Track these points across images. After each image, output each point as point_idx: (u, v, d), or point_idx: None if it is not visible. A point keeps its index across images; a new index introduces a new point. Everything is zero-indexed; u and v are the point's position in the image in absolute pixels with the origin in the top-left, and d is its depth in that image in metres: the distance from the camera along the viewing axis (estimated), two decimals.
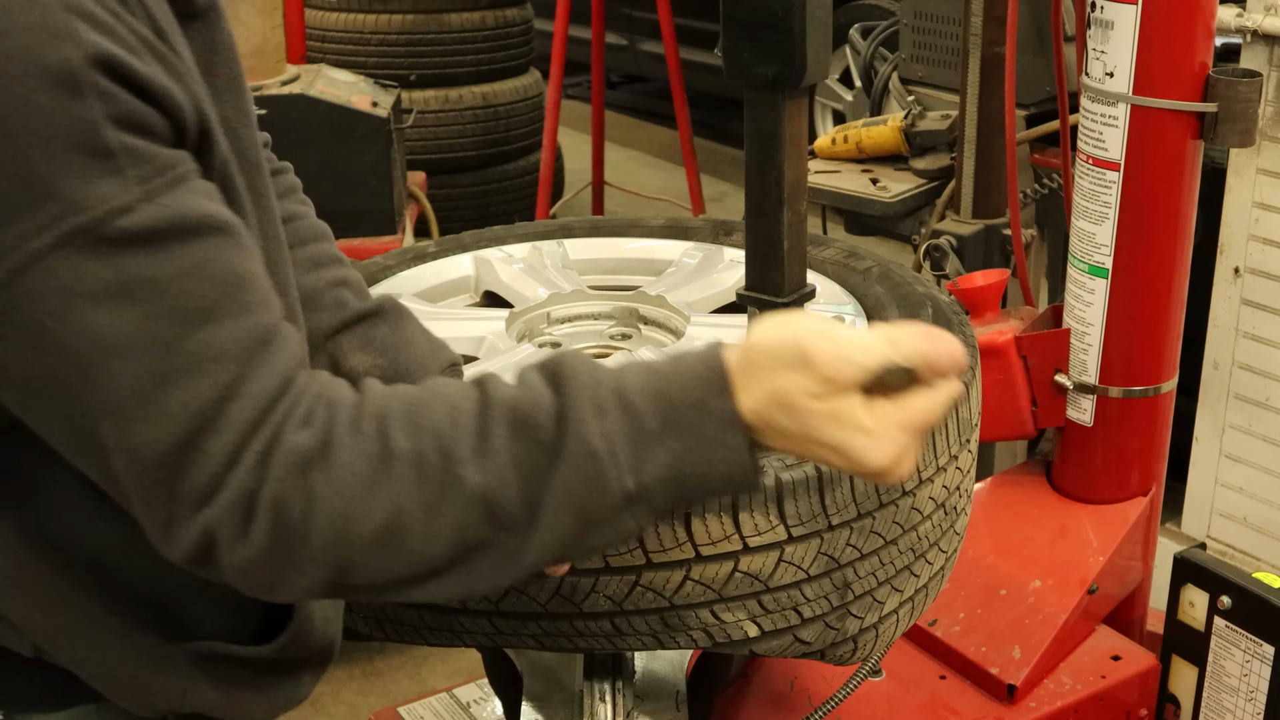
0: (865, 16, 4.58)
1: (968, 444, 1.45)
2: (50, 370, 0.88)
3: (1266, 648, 1.91)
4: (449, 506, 0.92)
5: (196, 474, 0.89)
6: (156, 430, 0.88)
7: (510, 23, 4.98)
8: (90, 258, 0.86)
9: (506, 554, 0.95)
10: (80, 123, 0.85)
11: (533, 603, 1.31)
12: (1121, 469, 2.15)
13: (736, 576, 1.30)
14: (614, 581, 1.29)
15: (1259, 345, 2.61)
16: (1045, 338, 2.11)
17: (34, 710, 1.09)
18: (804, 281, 1.42)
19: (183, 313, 0.88)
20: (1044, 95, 2.97)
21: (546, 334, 1.75)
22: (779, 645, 1.35)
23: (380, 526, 0.92)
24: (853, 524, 1.32)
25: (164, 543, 0.93)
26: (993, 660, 1.98)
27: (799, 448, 0.95)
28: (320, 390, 0.94)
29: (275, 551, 0.92)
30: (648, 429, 0.94)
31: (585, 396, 0.94)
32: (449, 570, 0.95)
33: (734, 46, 1.30)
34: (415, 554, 0.93)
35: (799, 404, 0.93)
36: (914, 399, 0.95)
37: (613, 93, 7.41)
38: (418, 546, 0.93)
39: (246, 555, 0.92)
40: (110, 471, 0.92)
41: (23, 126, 0.84)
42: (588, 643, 1.35)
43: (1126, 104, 1.94)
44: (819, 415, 0.93)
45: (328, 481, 0.91)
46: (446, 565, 0.95)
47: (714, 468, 0.95)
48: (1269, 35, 2.46)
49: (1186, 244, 2.03)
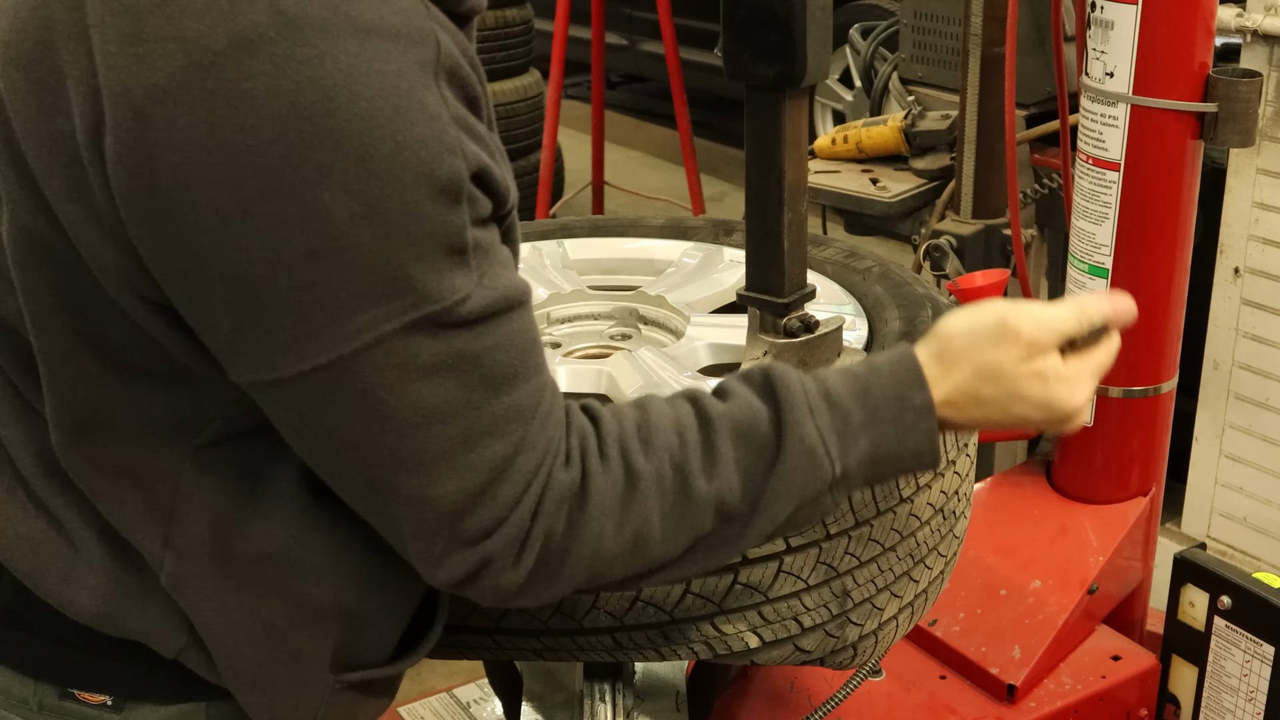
0: (865, 16, 4.58)
1: (965, 448, 1.45)
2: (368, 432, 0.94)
3: (1266, 648, 1.91)
4: (685, 514, 1.04)
5: (483, 516, 0.97)
6: (457, 483, 0.96)
7: (510, 23, 4.97)
8: (430, 339, 0.92)
9: (728, 542, 1.07)
10: (453, 228, 0.92)
11: (534, 620, 1.31)
12: (1121, 469, 2.15)
13: (736, 588, 1.29)
14: (614, 597, 1.29)
15: (1259, 345, 2.61)
16: None
17: (145, 701, 1.11)
18: (804, 281, 1.42)
19: (491, 380, 0.96)
20: (1044, 95, 2.96)
21: (547, 334, 1.75)
22: (779, 655, 1.34)
23: (629, 540, 1.02)
24: (851, 532, 1.32)
25: (432, 569, 1.01)
26: (993, 660, 1.98)
27: (997, 413, 1.09)
28: (572, 425, 1.03)
29: (538, 574, 1.01)
30: (854, 422, 1.07)
31: (798, 402, 1.06)
32: (677, 562, 1.06)
33: (734, 46, 1.30)
34: (655, 558, 1.04)
35: (1007, 370, 1.07)
36: (1096, 350, 1.12)
37: (613, 93, 7.41)
38: (658, 552, 1.04)
39: (514, 580, 1.01)
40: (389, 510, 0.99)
41: (404, 230, 0.89)
42: (589, 656, 1.35)
43: (1126, 104, 1.94)
44: (1026, 376, 1.08)
45: (585, 510, 1.00)
46: (678, 559, 1.06)
47: (905, 447, 1.08)
48: (1269, 35, 2.46)
49: (1186, 244, 2.03)
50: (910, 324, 1.58)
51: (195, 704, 1.12)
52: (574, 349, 1.73)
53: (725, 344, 1.61)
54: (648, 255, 1.90)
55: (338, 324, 0.90)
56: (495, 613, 1.31)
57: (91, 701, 1.10)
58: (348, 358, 0.91)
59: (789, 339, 1.38)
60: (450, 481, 0.96)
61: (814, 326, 1.39)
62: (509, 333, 0.97)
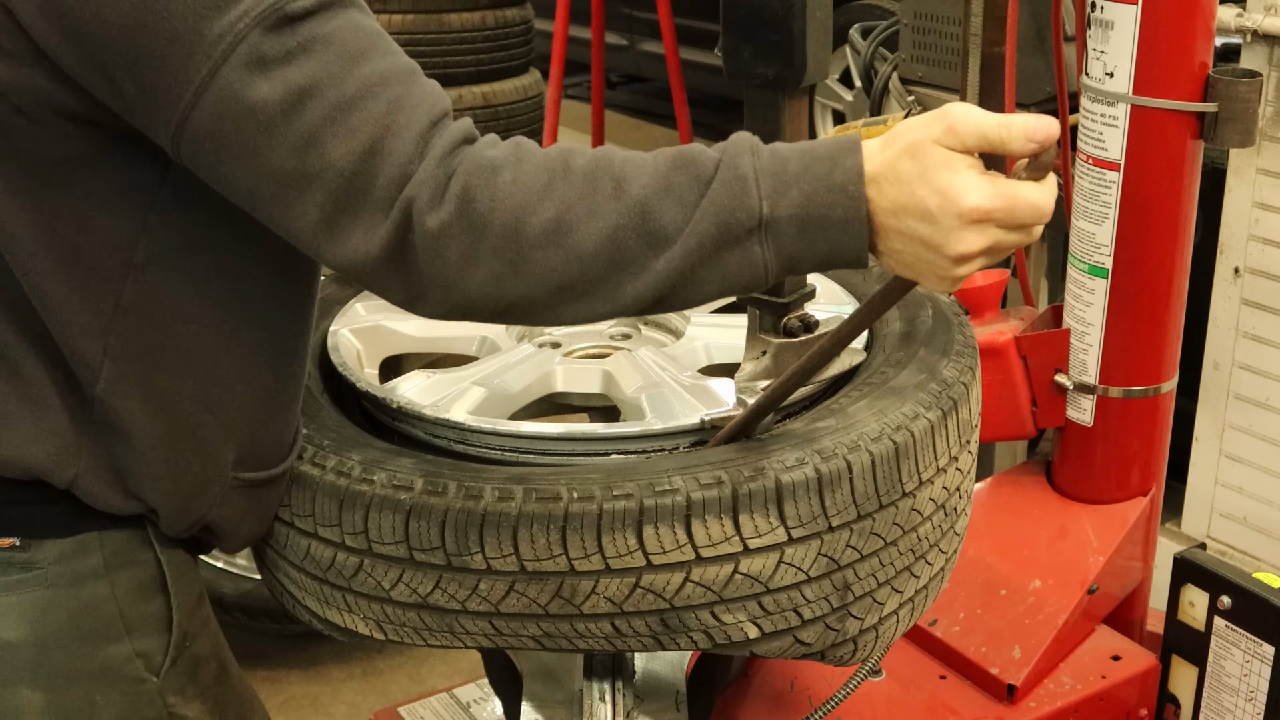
0: (865, 16, 4.57)
1: (968, 445, 1.45)
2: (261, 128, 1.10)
3: (1266, 648, 1.91)
4: (610, 211, 1.11)
5: (386, 173, 1.11)
6: (346, 145, 1.10)
7: (510, 23, 4.97)
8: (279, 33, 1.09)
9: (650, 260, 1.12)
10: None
11: (533, 604, 1.31)
12: (1121, 469, 2.15)
13: (736, 578, 1.30)
14: (614, 583, 1.29)
15: (1259, 345, 2.61)
16: (1045, 338, 2.11)
17: (46, 537, 1.29)
18: (804, 281, 1.42)
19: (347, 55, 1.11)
20: (1044, 95, 2.97)
21: (547, 333, 1.75)
22: (779, 647, 1.35)
23: (549, 221, 1.10)
24: (853, 525, 1.32)
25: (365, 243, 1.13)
26: (993, 660, 1.98)
27: (905, 194, 1.08)
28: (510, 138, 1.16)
29: (461, 231, 1.10)
30: (790, 171, 1.11)
31: (741, 142, 1.13)
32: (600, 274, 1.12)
33: (734, 46, 1.31)
34: (576, 250, 1.11)
35: (926, 147, 1.08)
36: (1021, 183, 1.08)
37: (613, 93, 7.41)
38: (580, 243, 1.11)
39: (440, 220, 1.10)
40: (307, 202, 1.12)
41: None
42: (588, 644, 1.35)
43: (1126, 104, 1.94)
44: (939, 156, 1.07)
45: (512, 184, 1.11)
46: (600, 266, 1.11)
47: (834, 212, 1.10)
48: (1269, 35, 2.46)
49: (1186, 244, 2.03)
50: (910, 324, 1.58)
51: (89, 534, 1.31)
52: (574, 349, 1.73)
53: (725, 344, 1.61)
54: None
55: (201, 39, 1.08)
56: (494, 596, 1.31)
57: (3, 545, 1.29)
58: (219, 63, 1.09)
59: (789, 339, 1.39)
60: (341, 145, 1.10)
61: (814, 326, 1.40)
62: (350, 19, 1.13)
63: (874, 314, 1.24)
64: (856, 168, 1.10)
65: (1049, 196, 1.09)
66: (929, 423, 1.37)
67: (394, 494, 1.31)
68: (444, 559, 1.30)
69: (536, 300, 1.13)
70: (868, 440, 1.33)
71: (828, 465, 1.30)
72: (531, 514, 1.27)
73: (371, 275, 1.15)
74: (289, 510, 1.39)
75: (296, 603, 1.45)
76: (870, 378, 1.46)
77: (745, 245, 1.11)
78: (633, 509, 1.27)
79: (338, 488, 1.33)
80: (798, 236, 1.11)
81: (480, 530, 1.28)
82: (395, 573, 1.33)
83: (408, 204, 1.11)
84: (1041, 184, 1.09)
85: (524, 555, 1.28)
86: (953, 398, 1.42)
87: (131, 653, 1.34)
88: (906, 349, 1.52)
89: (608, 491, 1.28)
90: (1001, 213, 1.07)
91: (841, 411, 1.38)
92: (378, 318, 1.71)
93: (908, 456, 1.35)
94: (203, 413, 1.30)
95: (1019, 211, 1.08)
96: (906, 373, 1.46)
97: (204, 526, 1.36)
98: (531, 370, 1.55)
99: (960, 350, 1.51)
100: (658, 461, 1.34)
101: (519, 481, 1.30)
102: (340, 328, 1.66)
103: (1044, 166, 1.08)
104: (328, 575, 1.37)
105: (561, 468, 1.35)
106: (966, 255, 1.08)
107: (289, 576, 1.44)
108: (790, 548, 1.30)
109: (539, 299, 1.13)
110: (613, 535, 1.27)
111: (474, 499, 1.29)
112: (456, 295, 1.14)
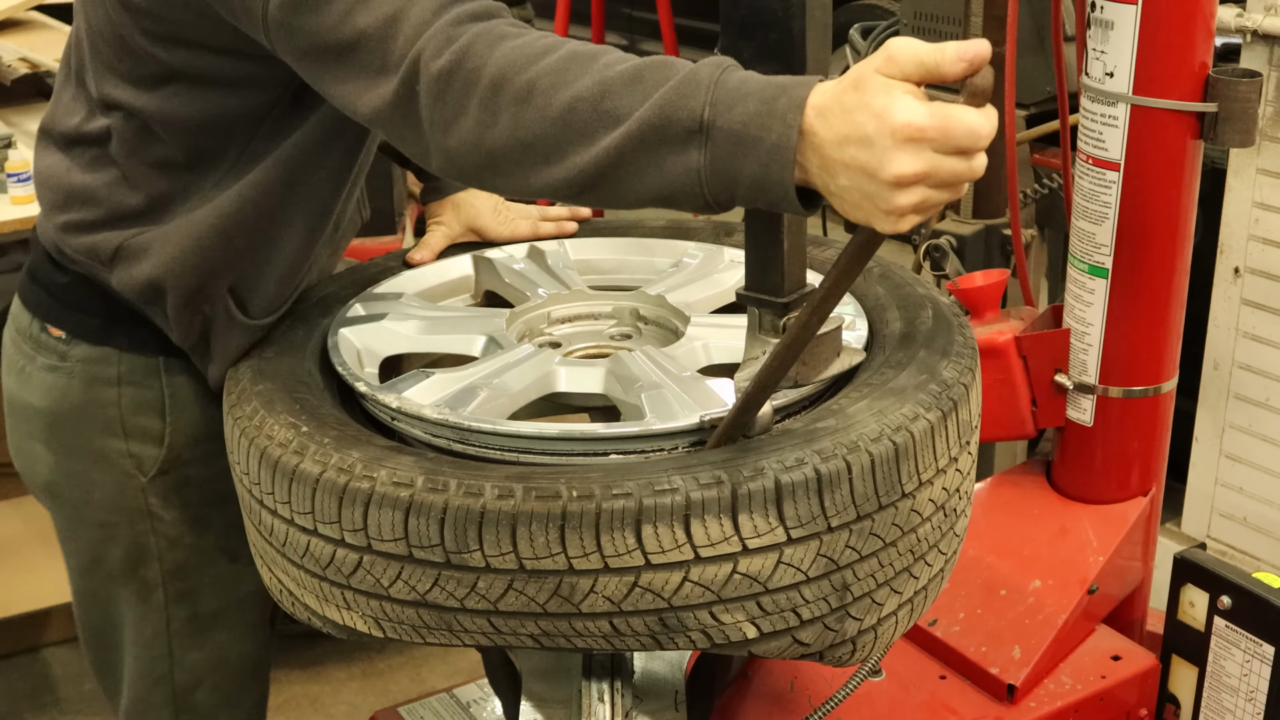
0: (865, 16, 4.57)
1: (967, 446, 1.45)
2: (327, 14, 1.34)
3: (1266, 648, 1.91)
4: (580, 85, 1.22)
5: (407, 30, 1.30)
6: (373, 14, 1.32)
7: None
8: None
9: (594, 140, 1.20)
10: None
11: (531, 603, 1.31)
12: (1121, 469, 2.15)
13: (735, 578, 1.30)
14: (613, 582, 1.29)
15: (1259, 345, 2.61)
16: (1045, 338, 2.11)
17: (83, 341, 1.67)
18: (804, 281, 1.42)
19: None
20: (1044, 95, 2.97)
21: (547, 333, 1.75)
22: (778, 647, 1.35)
23: (527, 82, 1.23)
24: (852, 526, 1.32)
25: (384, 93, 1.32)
26: (993, 660, 1.98)
27: (848, 123, 1.11)
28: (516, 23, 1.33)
29: (457, 80, 1.26)
30: (744, 90, 1.16)
31: (720, 60, 1.20)
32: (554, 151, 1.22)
33: (734, 46, 1.30)
34: (539, 111, 1.23)
35: (867, 77, 1.10)
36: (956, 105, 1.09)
37: None
38: (543, 104, 1.22)
39: (440, 67, 1.27)
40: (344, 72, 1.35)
41: None
42: (586, 643, 1.35)
43: (1126, 104, 1.94)
44: (878, 82, 1.10)
45: (510, 50, 1.26)
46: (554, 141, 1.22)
47: (768, 136, 1.14)
48: (1269, 35, 2.46)
49: (1186, 244, 2.03)
50: (910, 325, 1.58)
51: (112, 349, 1.67)
52: (574, 349, 1.73)
53: (725, 344, 1.61)
54: (648, 255, 1.90)
55: None
56: (493, 594, 1.31)
57: (55, 334, 1.68)
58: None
59: None
60: (369, 15, 1.32)
61: None
62: None
63: (843, 275, 1.23)
64: (801, 99, 1.13)
65: (986, 122, 1.09)
66: (929, 424, 1.37)
67: (394, 491, 1.31)
68: (443, 556, 1.30)
69: (508, 156, 1.25)
70: (867, 441, 1.33)
71: (827, 466, 1.30)
72: (531, 512, 1.27)
73: (389, 124, 1.33)
74: (288, 507, 1.39)
75: (295, 600, 1.46)
76: (870, 378, 1.46)
77: (684, 145, 1.17)
78: (632, 508, 1.27)
79: (338, 484, 1.34)
80: (733, 151, 1.15)
81: (479, 528, 1.28)
82: (394, 570, 1.33)
83: (417, 54, 1.29)
84: (980, 110, 1.09)
85: (523, 553, 1.28)
86: (952, 399, 1.42)
87: (125, 451, 1.69)
88: (906, 350, 1.52)
89: (607, 490, 1.28)
90: (935, 130, 1.08)
91: (841, 412, 1.38)
92: (378, 318, 1.71)
93: (907, 457, 1.35)
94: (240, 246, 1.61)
95: (954, 132, 1.08)
96: (906, 374, 1.46)
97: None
98: (531, 370, 1.55)
99: (960, 351, 1.51)
100: (657, 461, 1.34)
101: (519, 479, 1.30)
102: (340, 327, 1.66)
103: (982, 92, 1.09)
104: (326, 572, 1.37)
105: (561, 467, 1.35)
106: (903, 178, 1.08)
107: (288, 573, 1.44)
108: (789, 548, 1.30)
109: (510, 155, 1.25)
110: (612, 534, 1.27)
111: (473, 496, 1.29)
112: (452, 140, 1.28)
